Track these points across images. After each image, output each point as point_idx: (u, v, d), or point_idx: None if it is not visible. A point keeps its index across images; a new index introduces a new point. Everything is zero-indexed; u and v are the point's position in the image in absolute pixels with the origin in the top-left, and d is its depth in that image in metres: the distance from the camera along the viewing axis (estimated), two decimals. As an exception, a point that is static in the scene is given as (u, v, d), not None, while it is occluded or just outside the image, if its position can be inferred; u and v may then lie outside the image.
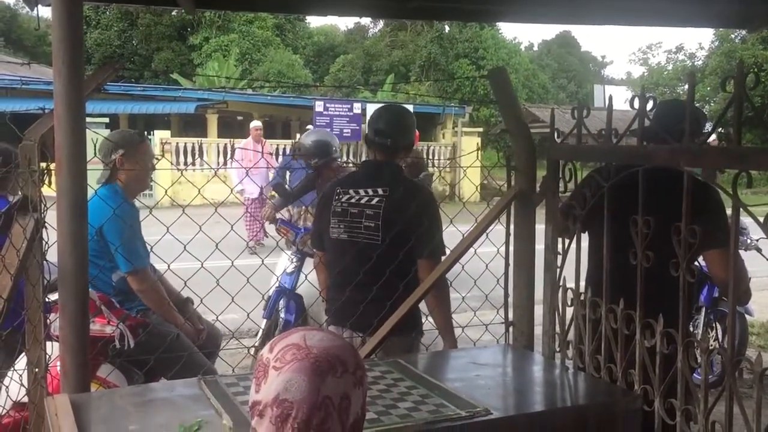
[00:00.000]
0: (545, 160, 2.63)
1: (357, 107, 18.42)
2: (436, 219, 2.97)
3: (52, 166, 2.23)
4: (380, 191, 2.93)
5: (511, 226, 2.86)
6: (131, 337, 2.83)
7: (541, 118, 20.77)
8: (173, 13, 30.83)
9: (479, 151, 4.00)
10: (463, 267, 2.88)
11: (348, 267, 2.90)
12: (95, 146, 2.64)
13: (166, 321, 3.26)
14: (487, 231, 2.81)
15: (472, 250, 2.82)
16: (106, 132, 15.01)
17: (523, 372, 2.51)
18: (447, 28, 31.72)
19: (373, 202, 2.92)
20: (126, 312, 3.07)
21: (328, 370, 1.22)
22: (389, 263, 2.83)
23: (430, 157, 19.96)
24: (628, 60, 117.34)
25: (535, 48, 48.00)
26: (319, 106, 17.94)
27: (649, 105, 2.13)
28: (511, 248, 2.85)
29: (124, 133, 3.46)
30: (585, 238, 2.66)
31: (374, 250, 2.86)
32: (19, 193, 2.26)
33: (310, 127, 12.85)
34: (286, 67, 29.40)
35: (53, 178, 2.28)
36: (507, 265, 2.87)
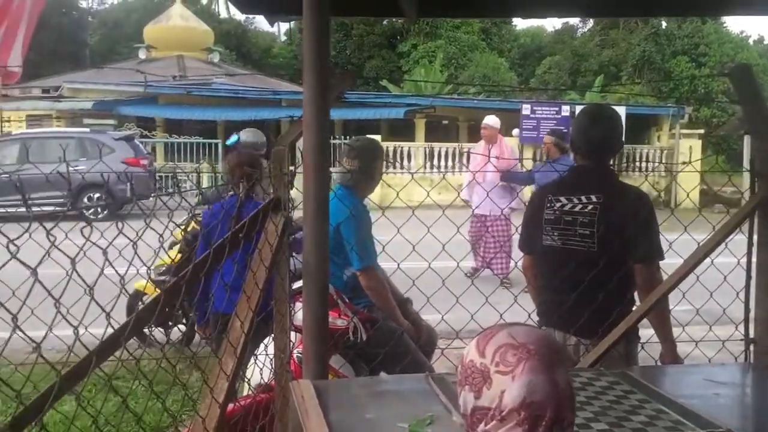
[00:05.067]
0: None
1: (565, 109, 17.96)
2: (652, 223, 2.84)
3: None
4: (593, 198, 2.86)
5: (754, 236, 2.64)
6: (364, 331, 3.00)
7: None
8: (384, 22, 32.12)
9: (692, 154, 3.72)
10: (698, 278, 2.71)
11: (563, 273, 2.87)
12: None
13: (388, 319, 3.42)
14: (726, 240, 2.62)
15: (708, 260, 2.64)
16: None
17: (769, 394, 2.30)
18: (664, 24, 29.87)
19: (587, 209, 2.87)
20: (357, 307, 3.27)
21: (554, 362, 1.23)
22: (606, 270, 2.76)
23: (643, 160, 18.94)
24: None
25: (767, 41, 43.60)
26: (525, 109, 17.74)
27: None
28: (754, 259, 2.64)
29: (362, 140, 3.71)
30: None
31: (590, 257, 2.81)
32: (270, 193, 2.49)
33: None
34: (491, 70, 29.40)
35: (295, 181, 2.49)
36: (749, 277, 2.67)
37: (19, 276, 1.35)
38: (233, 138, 5.78)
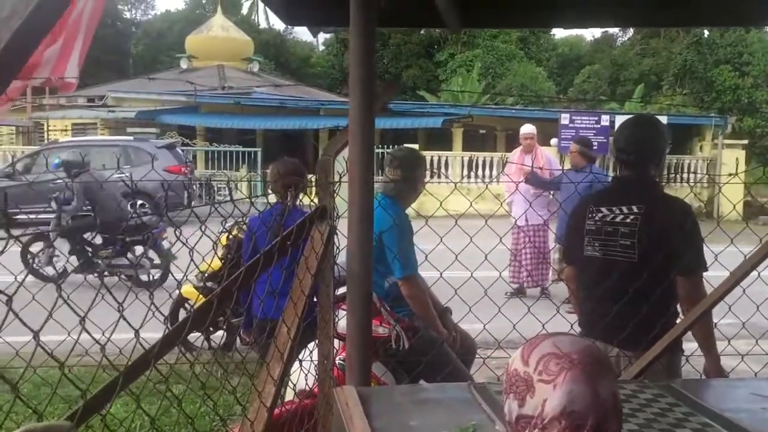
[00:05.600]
0: None
1: (605, 119, 17.78)
2: (694, 234, 2.82)
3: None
4: (635, 209, 2.85)
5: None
6: (406, 339, 3.02)
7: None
8: (421, 32, 32.21)
9: (739, 164, 3.67)
10: (744, 291, 2.67)
11: (605, 284, 2.86)
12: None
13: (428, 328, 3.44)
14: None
15: (754, 273, 2.61)
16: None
17: (818, 410, 2.26)
18: (706, 33, 29.41)
19: (628, 220, 2.86)
20: (398, 315, 3.29)
21: (597, 373, 1.24)
22: (648, 281, 2.74)
23: (686, 171, 18.64)
24: None
25: (813, 49, 42.60)
26: (564, 118, 17.61)
27: None
28: (802, 273, 2.60)
29: (404, 150, 3.75)
30: None
31: (631, 267, 2.80)
32: (314, 202, 2.53)
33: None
34: (529, 80, 29.29)
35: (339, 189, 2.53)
36: (797, 291, 2.62)
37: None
38: (56, 161, 6.00)
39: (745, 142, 20.60)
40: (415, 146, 19.06)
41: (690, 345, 2.85)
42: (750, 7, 3.41)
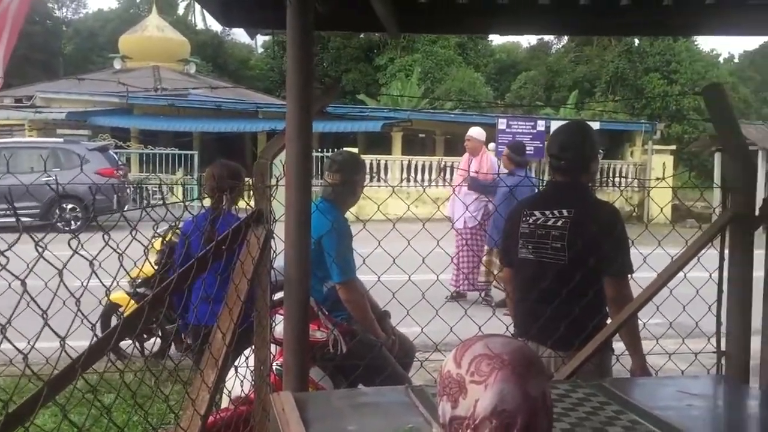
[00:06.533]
0: None
1: (541, 124, 18.15)
2: (622, 237, 2.91)
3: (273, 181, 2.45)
4: (566, 212, 2.94)
5: (725, 250, 2.71)
6: (344, 343, 3.01)
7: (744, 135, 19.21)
8: (361, 36, 32.26)
9: (665, 170, 3.80)
10: (671, 291, 2.77)
11: (537, 286, 2.93)
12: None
13: (367, 331, 3.43)
14: (699, 255, 2.69)
15: (680, 274, 2.71)
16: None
17: (740, 406, 2.35)
18: (636, 42, 30.39)
19: (559, 223, 2.94)
20: (336, 320, 3.28)
21: (527, 372, 1.25)
22: (578, 283, 2.82)
23: (617, 175, 19.22)
24: None
25: (736, 60, 44.56)
26: (501, 123, 17.90)
27: None
28: (725, 273, 2.70)
29: (344, 154, 3.73)
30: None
31: (562, 269, 2.88)
32: (250, 206, 2.50)
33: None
34: (468, 85, 29.63)
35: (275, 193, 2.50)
36: (720, 291, 2.72)
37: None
38: None
39: (673, 147, 21.35)
40: (355, 150, 19.08)
41: (621, 344, 2.94)
42: (676, 18, 3.54)
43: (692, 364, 3.01)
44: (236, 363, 3.14)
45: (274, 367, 2.88)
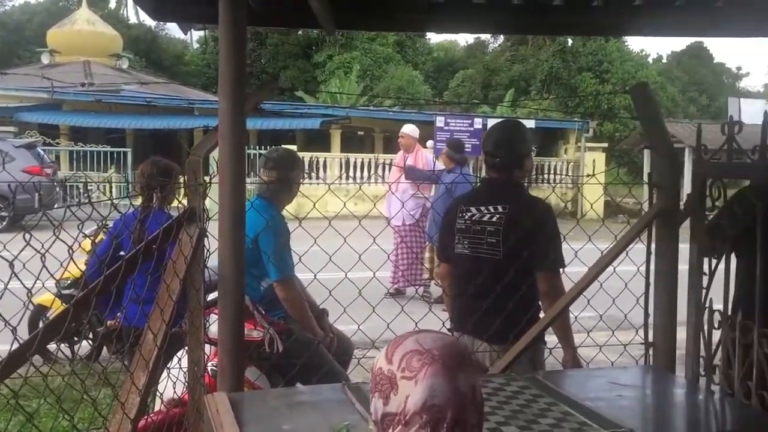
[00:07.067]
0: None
1: (478, 122, 18.36)
2: (554, 233, 2.99)
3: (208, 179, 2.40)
4: (500, 208, 2.99)
5: (652, 245, 2.79)
6: (280, 342, 2.98)
7: (671, 133, 19.91)
8: (299, 32, 32.01)
9: (596, 167, 3.91)
10: (601, 285, 2.84)
11: (473, 280, 2.97)
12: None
13: (304, 330, 3.41)
14: (627, 249, 2.76)
15: (610, 268, 2.78)
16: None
17: (667, 395, 2.43)
18: (570, 42, 31.08)
19: (494, 219, 2.99)
20: (272, 318, 3.24)
21: (457, 367, 1.26)
22: (512, 277, 2.87)
23: (551, 172, 19.64)
24: (767, 71, 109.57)
25: (664, 60, 46.07)
26: (440, 121, 18.02)
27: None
28: (652, 267, 2.79)
29: (280, 151, 3.69)
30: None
31: (497, 264, 2.93)
32: (183, 204, 2.45)
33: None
34: (406, 83, 29.77)
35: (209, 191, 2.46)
36: (647, 284, 2.81)
37: None
38: None
39: (605, 145, 21.94)
40: (294, 147, 18.94)
41: (553, 338, 3.00)
42: (606, 18, 3.63)
43: (621, 355, 3.10)
44: (169, 365, 3.07)
45: (208, 368, 2.83)
